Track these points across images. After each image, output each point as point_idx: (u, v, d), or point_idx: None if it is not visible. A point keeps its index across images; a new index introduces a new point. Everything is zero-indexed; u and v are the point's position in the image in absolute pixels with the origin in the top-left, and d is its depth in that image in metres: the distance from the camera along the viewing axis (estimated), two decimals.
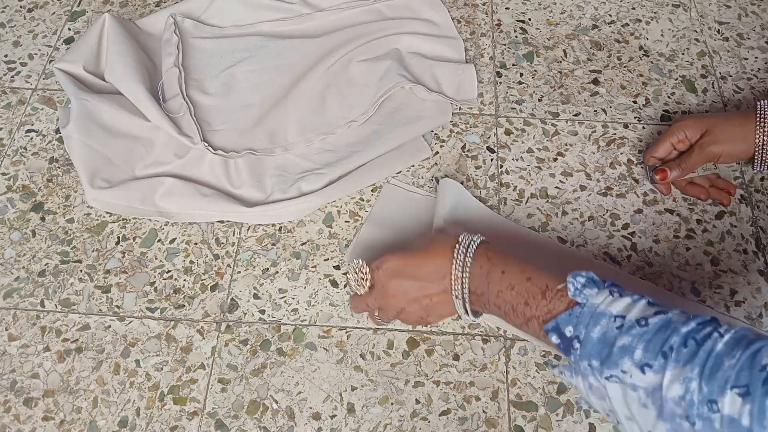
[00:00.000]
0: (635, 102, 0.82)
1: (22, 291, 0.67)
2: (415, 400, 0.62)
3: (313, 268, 0.69)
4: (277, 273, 0.69)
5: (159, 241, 0.71)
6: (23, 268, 0.69)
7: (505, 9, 0.91)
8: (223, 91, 0.80)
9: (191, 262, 0.69)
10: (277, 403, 0.61)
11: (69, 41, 0.87)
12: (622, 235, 0.71)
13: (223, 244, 0.70)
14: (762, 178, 0.76)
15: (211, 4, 0.88)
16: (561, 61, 0.86)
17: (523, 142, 0.78)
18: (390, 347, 0.64)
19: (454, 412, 0.61)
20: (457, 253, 0.56)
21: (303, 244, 0.70)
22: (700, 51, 0.87)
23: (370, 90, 0.80)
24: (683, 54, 0.87)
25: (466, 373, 0.63)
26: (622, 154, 0.78)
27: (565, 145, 0.78)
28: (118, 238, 0.71)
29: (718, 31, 0.89)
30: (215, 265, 0.69)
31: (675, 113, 0.81)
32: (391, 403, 0.62)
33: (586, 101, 0.82)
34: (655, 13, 0.91)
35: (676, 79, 0.84)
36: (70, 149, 0.74)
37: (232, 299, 0.67)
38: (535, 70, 0.85)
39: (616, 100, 0.82)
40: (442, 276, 0.57)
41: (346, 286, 0.68)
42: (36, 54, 0.86)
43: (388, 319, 0.63)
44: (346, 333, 0.65)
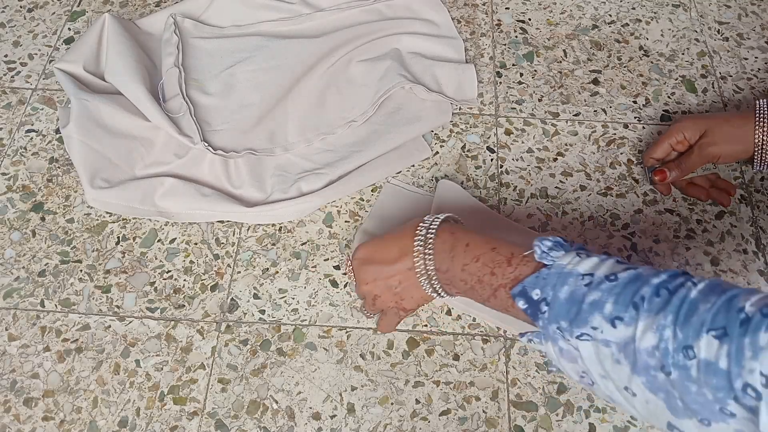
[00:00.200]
0: (635, 102, 0.82)
1: (22, 291, 0.67)
2: (415, 400, 0.62)
3: (313, 268, 0.69)
4: (277, 273, 0.69)
5: (159, 241, 0.71)
6: (23, 268, 0.69)
7: (505, 9, 0.91)
8: (223, 91, 0.80)
9: (191, 262, 0.69)
10: (277, 403, 0.61)
11: (69, 41, 0.87)
12: (622, 235, 0.71)
13: (223, 244, 0.70)
14: (762, 178, 0.76)
15: (211, 4, 0.88)
16: (561, 61, 0.86)
17: (523, 142, 0.78)
18: (390, 347, 0.64)
19: (454, 412, 0.61)
20: (419, 230, 0.56)
21: (303, 244, 0.70)
22: (700, 51, 0.87)
23: (370, 90, 0.80)
24: (683, 54, 0.87)
25: (466, 373, 0.63)
26: (622, 154, 0.78)
27: (565, 145, 0.78)
28: (118, 238, 0.71)
29: (718, 31, 0.89)
30: (215, 265, 0.69)
31: (675, 113, 0.81)
32: (391, 403, 0.62)
33: (586, 101, 0.82)
34: (655, 13, 0.91)
35: (676, 79, 0.84)
36: (70, 149, 0.74)
37: (232, 299, 0.67)
38: (535, 70, 0.85)
39: (616, 100, 0.82)
40: (406, 255, 0.56)
41: (346, 286, 0.68)
42: (36, 54, 0.86)
43: (369, 310, 0.63)
44: (346, 333, 0.65)
